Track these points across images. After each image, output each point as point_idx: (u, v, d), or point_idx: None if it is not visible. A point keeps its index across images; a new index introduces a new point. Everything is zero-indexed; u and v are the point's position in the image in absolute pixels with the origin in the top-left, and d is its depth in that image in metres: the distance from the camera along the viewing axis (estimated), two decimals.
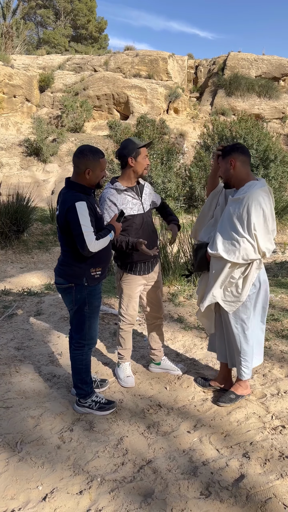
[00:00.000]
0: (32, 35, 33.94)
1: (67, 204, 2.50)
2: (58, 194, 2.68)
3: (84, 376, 2.81)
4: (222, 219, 2.71)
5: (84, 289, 2.66)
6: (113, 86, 20.87)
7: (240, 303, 2.72)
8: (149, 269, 3.12)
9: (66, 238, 2.60)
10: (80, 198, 2.49)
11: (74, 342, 2.79)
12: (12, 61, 20.36)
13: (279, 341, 3.87)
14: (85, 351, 2.79)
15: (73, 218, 2.46)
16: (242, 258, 2.58)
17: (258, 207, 2.52)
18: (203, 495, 2.14)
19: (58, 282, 2.71)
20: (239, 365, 2.87)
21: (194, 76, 25.77)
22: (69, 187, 2.61)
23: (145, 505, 2.07)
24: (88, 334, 2.77)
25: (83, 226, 2.45)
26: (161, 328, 3.34)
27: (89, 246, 2.46)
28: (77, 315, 2.72)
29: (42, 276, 6.79)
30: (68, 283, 2.66)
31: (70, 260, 2.64)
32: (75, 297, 2.67)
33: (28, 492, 2.16)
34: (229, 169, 2.67)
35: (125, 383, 3.19)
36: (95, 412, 2.81)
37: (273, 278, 5.75)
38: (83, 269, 2.63)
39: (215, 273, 2.71)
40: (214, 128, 13.66)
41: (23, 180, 15.40)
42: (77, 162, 2.57)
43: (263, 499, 2.08)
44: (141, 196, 3.04)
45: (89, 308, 2.71)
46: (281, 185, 12.27)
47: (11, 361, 3.48)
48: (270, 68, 24.16)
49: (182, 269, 5.55)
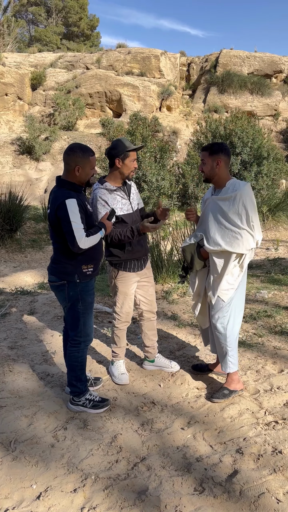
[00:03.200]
0: (24, 32, 33.71)
1: (57, 201, 2.52)
2: (50, 193, 2.69)
3: (79, 373, 2.81)
4: (213, 218, 2.83)
5: (76, 286, 2.67)
6: (105, 83, 20.81)
7: (233, 290, 2.86)
8: (142, 265, 3.13)
9: (57, 236, 2.62)
10: (70, 196, 2.51)
11: (70, 339, 2.80)
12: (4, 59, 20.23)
13: (272, 337, 3.89)
14: (81, 348, 2.79)
15: (63, 215, 2.48)
16: (245, 248, 2.77)
17: (251, 202, 2.76)
18: (196, 491, 2.15)
19: (51, 280, 2.73)
20: (226, 356, 2.92)
21: (186, 74, 25.77)
22: (60, 185, 2.62)
23: (139, 502, 2.07)
24: (83, 330, 2.77)
25: (73, 223, 2.47)
26: (154, 324, 3.35)
27: (79, 243, 2.48)
28: (71, 312, 2.73)
29: (35, 275, 6.78)
30: (60, 281, 2.67)
31: (61, 258, 2.65)
32: (68, 294, 2.68)
33: (22, 491, 2.16)
34: (214, 168, 2.84)
35: (119, 380, 3.19)
36: (89, 411, 2.81)
37: (266, 274, 5.78)
38: (74, 266, 2.64)
39: (222, 266, 2.84)
40: (207, 125, 13.66)
41: (16, 178, 15.32)
42: (67, 159, 2.59)
43: (256, 494, 2.10)
44: (129, 195, 3.06)
45: (83, 304, 2.72)
46: (274, 182, 12.33)
47: (5, 360, 3.46)
48: (262, 65, 24.22)
49: (176, 266, 5.56)
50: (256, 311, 4.45)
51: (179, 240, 6.14)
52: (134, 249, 3.03)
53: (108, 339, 3.91)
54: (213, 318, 2.91)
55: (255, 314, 4.37)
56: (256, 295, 4.93)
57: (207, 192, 3.05)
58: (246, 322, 4.22)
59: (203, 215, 2.97)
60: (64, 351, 2.97)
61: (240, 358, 3.48)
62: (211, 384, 3.18)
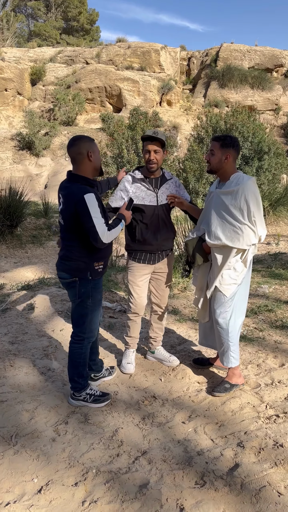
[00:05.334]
0: (23, 27, 33.54)
1: (75, 197, 2.47)
2: (60, 188, 2.65)
3: (81, 369, 2.81)
4: (215, 212, 2.80)
5: (88, 283, 2.67)
6: (105, 78, 20.71)
7: (236, 285, 2.83)
8: (155, 259, 3.12)
9: (71, 232, 2.58)
10: (88, 190, 2.48)
11: (74, 335, 2.79)
12: (3, 54, 20.14)
13: (273, 332, 3.88)
14: (85, 345, 2.79)
15: (83, 211, 2.44)
16: (246, 243, 2.73)
17: (253, 196, 2.71)
18: (198, 484, 2.15)
19: (62, 277, 2.71)
20: (227, 351, 2.91)
21: (187, 68, 25.64)
22: (73, 180, 2.58)
23: (140, 495, 2.07)
24: (89, 327, 2.77)
25: (94, 218, 2.45)
26: (162, 318, 3.36)
27: (102, 238, 2.47)
28: (79, 308, 2.72)
29: (36, 270, 6.77)
30: (72, 277, 2.66)
31: (74, 255, 2.62)
32: (79, 291, 2.67)
33: (23, 484, 2.16)
34: (222, 161, 2.79)
35: (123, 368, 3.23)
36: (90, 405, 2.81)
37: (267, 269, 5.77)
38: (87, 263, 2.62)
39: (221, 261, 2.82)
40: (208, 120, 13.59)
41: (16, 174, 15.30)
42: (76, 150, 2.54)
43: (257, 487, 2.10)
44: (158, 188, 3.04)
45: (92, 301, 2.72)
46: (275, 176, 12.27)
47: (5, 355, 3.46)
48: (263, 59, 24.08)
49: (177, 261, 5.55)
50: (257, 306, 4.44)
51: (180, 235, 6.13)
52: (146, 241, 3.04)
53: (108, 333, 3.91)
54: (215, 313, 2.89)
55: (256, 309, 4.37)
56: (257, 290, 4.92)
57: (213, 185, 3.01)
58: (247, 317, 4.21)
59: (205, 208, 2.94)
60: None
61: (241, 352, 3.48)
62: (212, 378, 3.18)
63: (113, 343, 3.74)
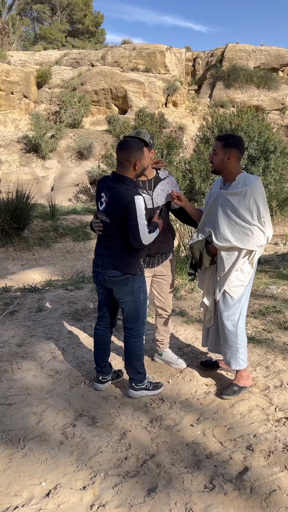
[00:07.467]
0: (29, 30, 33.71)
1: (126, 198, 2.60)
2: (103, 186, 2.74)
3: (142, 360, 2.97)
4: (223, 213, 2.77)
5: (140, 279, 2.82)
6: (110, 80, 20.73)
7: (243, 287, 2.83)
8: (154, 263, 3.12)
9: (121, 231, 2.68)
10: (138, 193, 2.64)
11: (131, 331, 2.90)
12: (9, 57, 20.26)
13: (281, 333, 3.85)
14: (142, 337, 2.95)
15: (132, 211, 2.59)
16: (256, 244, 2.74)
17: (262, 197, 2.71)
18: (207, 488, 2.13)
19: (113, 275, 2.78)
20: (236, 353, 2.88)
21: (192, 69, 25.59)
22: (120, 181, 2.68)
23: (149, 499, 2.06)
24: (143, 321, 2.92)
25: (139, 218, 2.59)
26: (168, 322, 3.34)
27: (142, 239, 2.60)
28: (134, 304, 2.84)
29: (43, 272, 6.79)
30: (124, 275, 2.75)
31: (123, 252, 2.74)
32: (132, 287, 2.79)
33: (31, 488, 2.15)
34: (225, 161, 2.77)
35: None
36: (151, 393, 2.95)
37: (275, 270, 5.73)
38: (137, 259, 2.78)
39: (229, 263, 2.80)
40: (214, 120, 13.56)
41: (23, 177, 15.36)
42: (126, 156, 2.65)
43: (267, 491, 2.07)
44: (152, 190, 3.02)
45: (144, 296, 2.87)
46: (282, 176, 12.20)
47: (13, 358, 3.47)
48: (268, 59, 23.95)
49: (183, 263, 5.52)
50: (265, 307, 4.40)
51: (185, 236, 6.11)
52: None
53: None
54: (223, 316, 2.87)
55: (264, 310, 4.33)
56: (265, 291, 4.88)
57: (214, 185, 2.98)
58: (255, 318, 4.18)
59: (210, 209, 2.90)
60: (99, 352, 3.02)
61: (250, 354, 3.45)
62: (220, 380, 3.16)
63: (119, 346, 3.73)
